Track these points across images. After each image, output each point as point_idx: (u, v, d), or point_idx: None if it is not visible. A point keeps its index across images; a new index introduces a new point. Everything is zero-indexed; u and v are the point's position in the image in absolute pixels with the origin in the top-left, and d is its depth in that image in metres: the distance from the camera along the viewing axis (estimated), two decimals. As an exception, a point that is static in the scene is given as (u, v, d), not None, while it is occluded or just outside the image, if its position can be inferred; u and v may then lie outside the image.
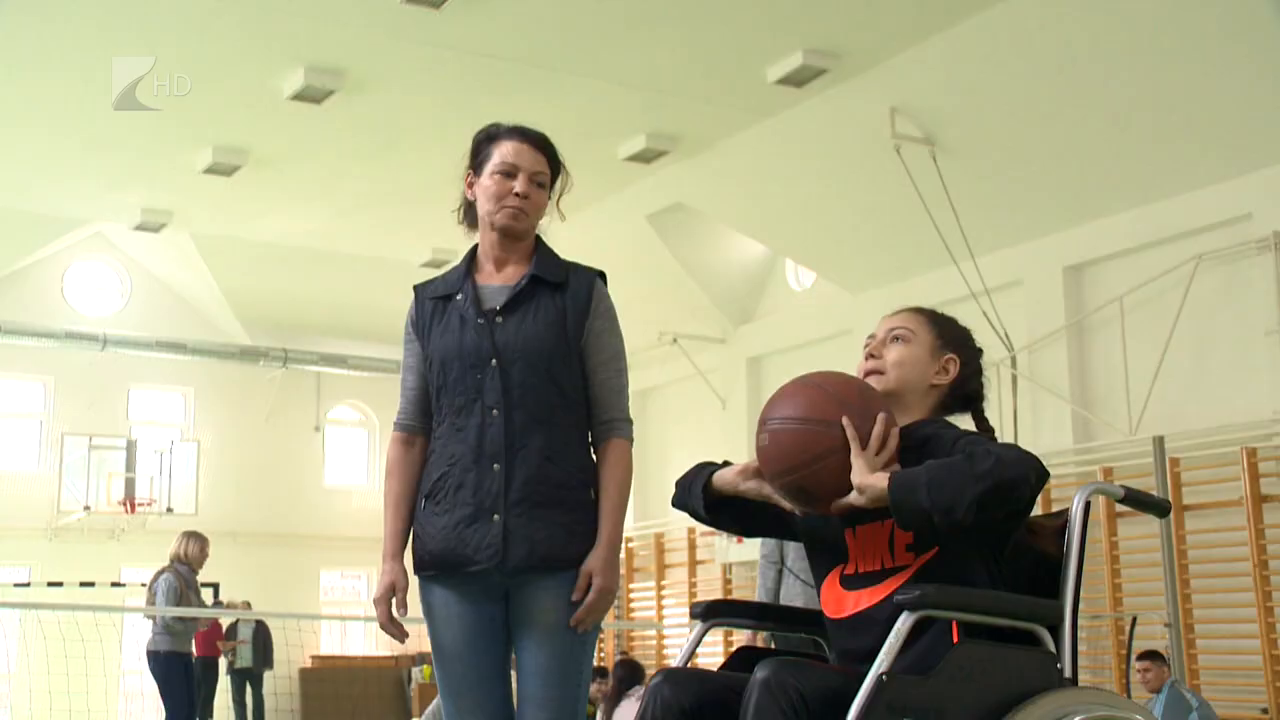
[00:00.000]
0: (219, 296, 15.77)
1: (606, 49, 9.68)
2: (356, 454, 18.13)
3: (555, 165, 2.94)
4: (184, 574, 8.60)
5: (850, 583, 2.46)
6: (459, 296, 2.87)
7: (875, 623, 2.35)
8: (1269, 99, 8.73)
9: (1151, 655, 7.64)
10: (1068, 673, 2.39)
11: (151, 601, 8.51)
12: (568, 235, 3.01)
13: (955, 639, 2.30)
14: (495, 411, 2.74)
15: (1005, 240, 10.74)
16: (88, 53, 9.58)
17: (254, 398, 16.66)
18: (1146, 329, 9.87)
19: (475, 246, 2.98)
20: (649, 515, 15.02)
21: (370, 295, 15.18)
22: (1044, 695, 2.31)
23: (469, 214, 2.98)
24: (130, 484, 15.58)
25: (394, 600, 2.77)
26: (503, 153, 2.87)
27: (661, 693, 2.32)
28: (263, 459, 16.71)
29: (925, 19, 9.23)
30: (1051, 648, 2.40)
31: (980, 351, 2.69)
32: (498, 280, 2.89)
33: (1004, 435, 10.59)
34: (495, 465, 2.72)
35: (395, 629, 2.77)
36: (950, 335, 2.64)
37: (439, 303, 2.90)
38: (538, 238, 2.96)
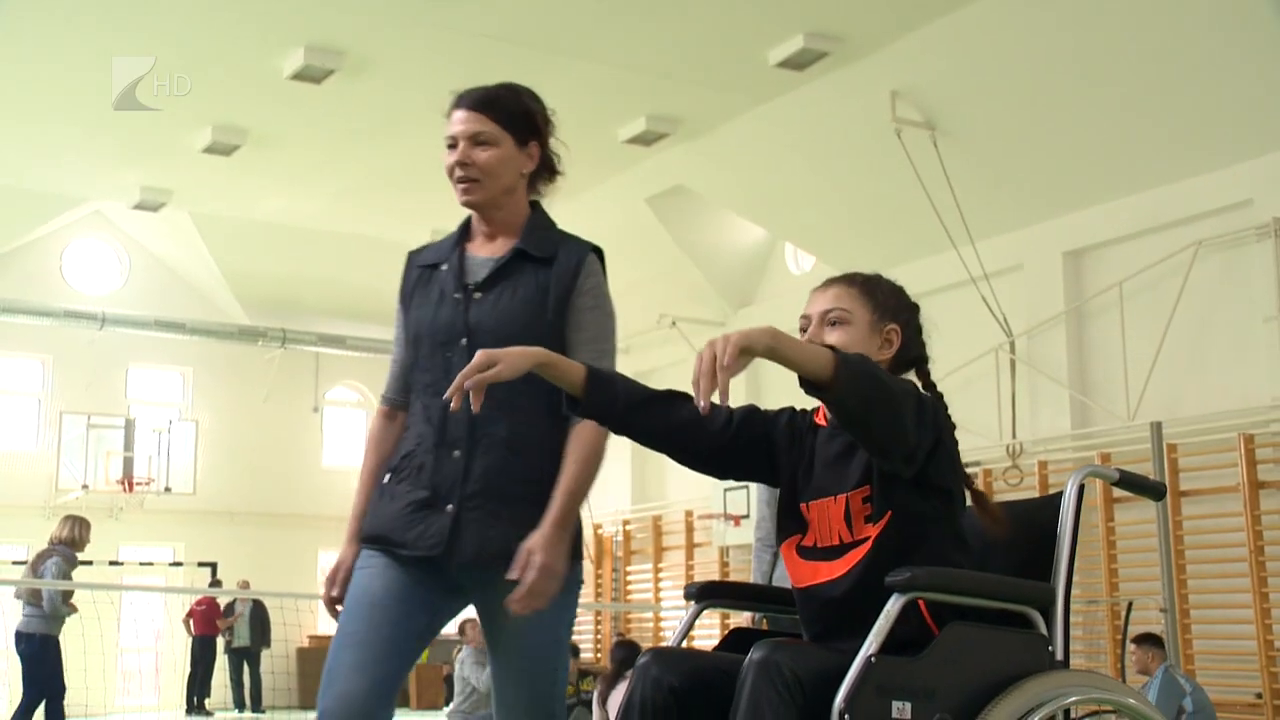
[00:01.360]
0: (218, 276, 15.76)
1: (607, 31, 9.66)
2: (355, 434, 18.13)
3: (508, 117, 2.63)
4: (69, 557, 8.66)
5: (807, 554, 2.45)
6: (444, 267, 2.68)
7: (830, 599, 2.35)
8: (1270, 86, 8.72)
9: (1149, 639, 7.66)
10: (1059, 655, 2.40)
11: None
12: (567, 217, 2.94)
13: (929, 621, 2.30)
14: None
15: (1005, 225, 10.73)
16: (88, 32, 9.56)
17: (252, 378, 16.65)
18: (1146, 315, 9.87)
19: (470, 216, 2.77)
20: (646, 498, 15.04)
21: (369, 276, 15.15)
22: (1035, 677, 2.31)
23: None
24: (128, 463, 15.59)
25: (338, 580, 2.62)
26: (448, 125, 2.65)
27: (650, 671, 2.32)
28: (261, 439, 16.72)
29: (927, 3, 9.21)
30: (1043, 630, 2.40)
31: (916, 308, 2.59)
32: (485, 252, 2.68)
33: (1003, 419, 10.64)
34: (455, 452, 2.55)
35: (335, 612, 2.59)
36: (887, 304, 2.53)
37: (425, 271, 2.72)
38: (535, 204, 2.73)
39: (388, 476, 2.64)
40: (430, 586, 2.56)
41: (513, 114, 2.64)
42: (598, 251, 2.69)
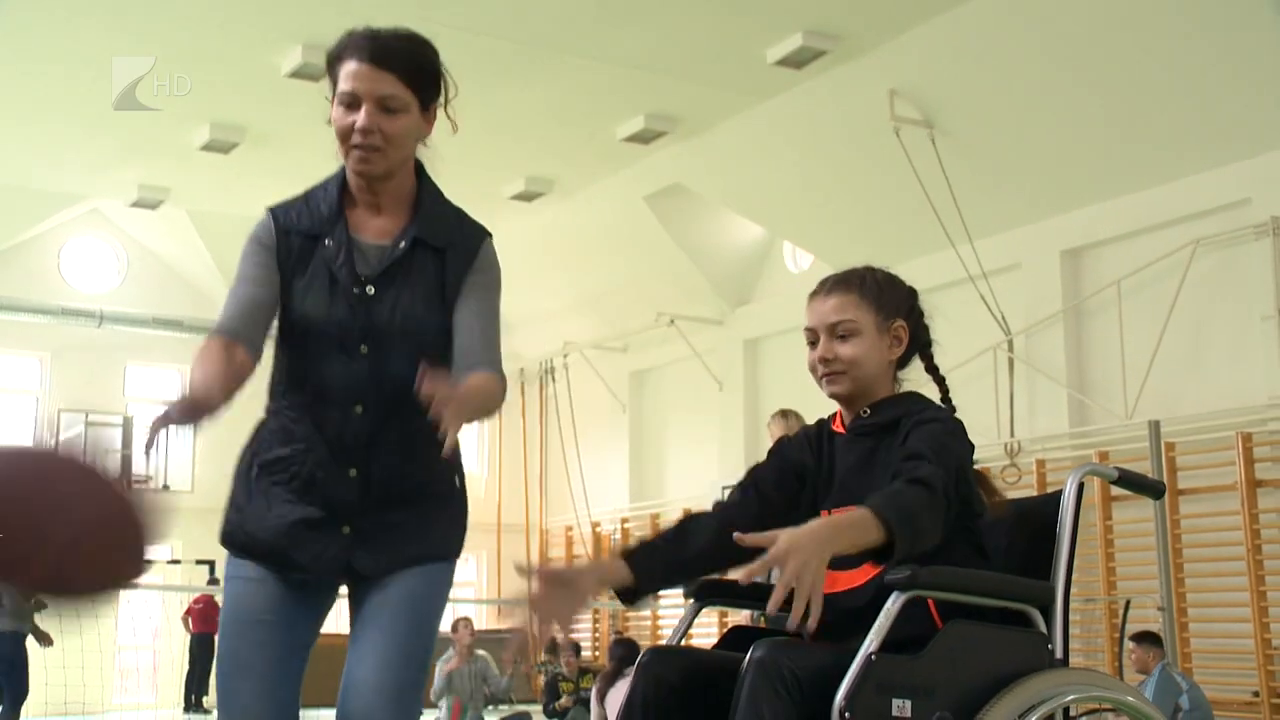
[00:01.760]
0: (216, 274, 15.72)
1: (605, 29, 9.65)
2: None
3: (418, 78, 2.36)
4: None
5: (829, 563, 2.44)
6: (327, 242, 2.37)
7: (850, 610, 2.35)
8: (1267, 85, 8.72)
9: (1148, 637, 7.67)
10: (1059, 653, 2.40)
11: None
12: (565, 216, 2.92)
13: (937, 620, 2.30)
14: (359, 408, 2.34)
15: (1003, 224, 10.74)
16: (86, 30, 9.55)
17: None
18: (1143, 313, 9.87)
19: (343, 170, 2.45)
20: (645, 496, 15.04)
21: (367, 274, 15.16)
22: (1034, 675, 2.32)
23: None
24: (126, 461, 15.56)
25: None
26: (344, 78, 2.34)
27: (651, 670, 2.32)
28: (259, 437, 16.70)
29: (925, 2, 9.21)
30: (1043, 628, 2.40)
31: (915, 294, 2.58)
32: (372, 234, 2.40)
33: (1000, 419, 10.64)
34: (352, 471, 2.35)
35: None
36: (888, 301, 2.51)
37: (305, 243, 2.38)
38: (420, 170, 2.47)
39: (255, 470, 2.41)
40: (311, 597, 2.42)
41: (423, 75, 2.37)
42: (490, 237, 2.50)
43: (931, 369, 2.57)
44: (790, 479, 2.54)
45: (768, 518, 2.40)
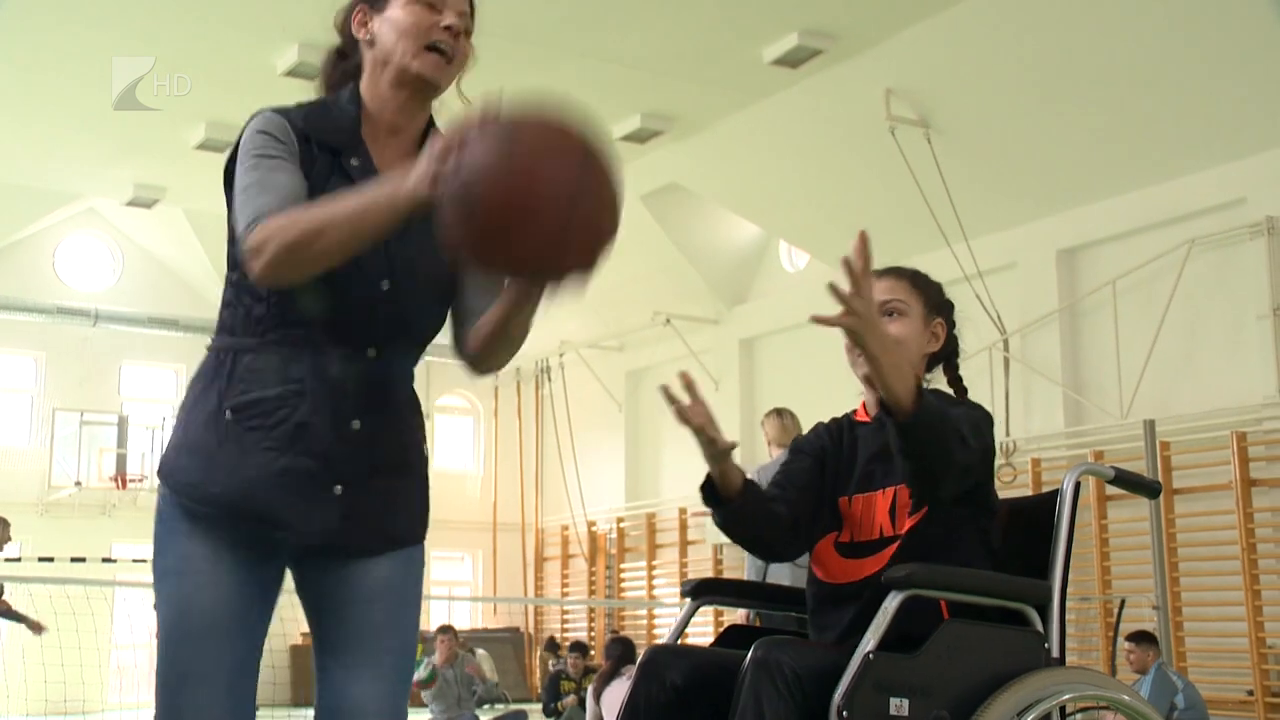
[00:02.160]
0: (211, 273, 15.72)
1: (601, 28, 9.65)
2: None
3: (474, 8, 2.20)
4: None
5: (846, 550, 2.47)
6: (354, 162, 2.09)
7: (867, 594, 2.37)
8: (1264, 84, 8.74)
9: (1144, 637, 7.67)
10: (1055, 652, 2.41)
11: None
12: None
13: (945, 614, 2.32)
14: (372, 352, 2.07)
15: (999, 223, 10.75)
16: (81, 29, 9.54)
17: (246, 375, 16.62)
18: (1139, 313, 9.89)
19: (356, 89, 2.17)
20: (640, 495, 15.05)
21: (363, 273, 15.15)
22: (1031, 674, 2.33)
23: (340, 63, 2.23)
24: (121, 460, 15.57)
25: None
26: None
27: (652, 669, 2.33)
28: (254, 436, 16.69)
29: (921, 1, 9.22)
30: (1039, 627, 2.41)
31: (953, 306, 2.66)
32: (391, 159, 2.12)
33: (996, 417, 10.63)
34: (355, 423, 2.05)
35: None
36: (935, 299, 2.62)
37: (325, 156, 2.09)
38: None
39: (228, 413, 2.04)
40: (269, 578, 2.12)
41: (474, 7, 2.21)
42: None
43: (955, 379, 2.61)
44: (815, 472, 2.58)
45: (801, 507, 2.53)
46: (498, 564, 16.79)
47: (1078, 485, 2.53)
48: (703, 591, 2.71)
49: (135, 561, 16.69)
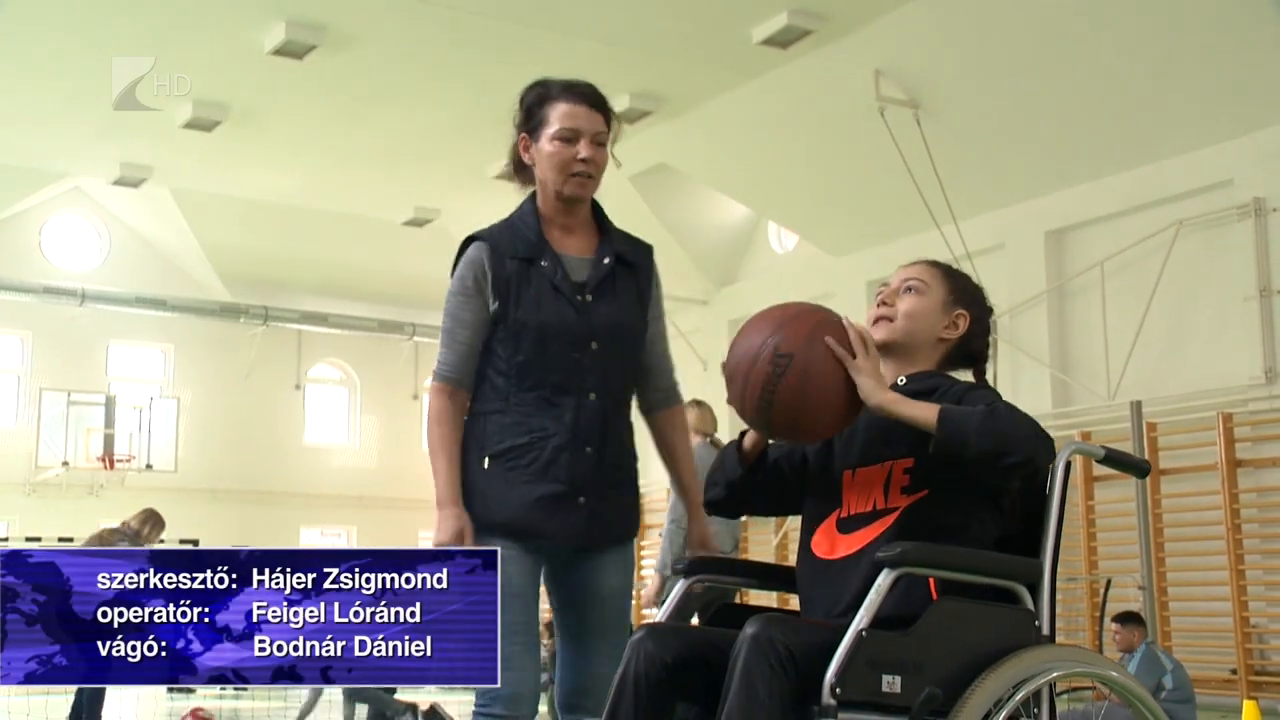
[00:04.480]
0: (199, 253, 15.68)
1: (591, 7, 9.62)
2: (337, 412, 18.10)
3: (610, 119, 2.87)
4: None
5: (846, 525, 2.48)
6: (544, 263, 2.80)
7: (861, 567, 2.38)
8: (1252, 65, 8.75)
9: (1131, 617, 7.71)
10: (1045, 630, 2.42)
11: None
12: None
13: (934, 595, 2.33)
14: (593, 396, 2.78)
15: (988, 204, 10.76)
16: (67, 7, 9.48)
17: (234, 355, 16.60)
18: (1127, 294, 9.92)
19: (533, 200, 2.88)
20: (629, 475, 15.07)
21: (352, 253, 15.11)
22: (1022, 651, 2.34)
23: (521, 171, 2.90)
24: (109, 440, 15.54)
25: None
26: (561, 116, 2.80)
27: (644, 647, 2.33)
28: (243, 416, 16.68)
29: (911, -19, 9.21)
30: (1030, 605, 2.42)
31: (990, 310, 2.74)
32: (573, 250, 2.85)
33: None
34: (588, 448, 2.77)
35: None
36: (963, 291, 2.67)
37: (523, 265, 2.80)
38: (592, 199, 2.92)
39: (487, 462, 2.78)
40: (539, 571, 2.83)
41: (611, 116, 2.87)
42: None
43: (981, 382, 2.64)
44: (820, 448, 2.63)
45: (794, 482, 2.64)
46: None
47: (1068, 465, 2.54)
48: (697, 569, 2.71)
49: (123, 542, 16.71)
